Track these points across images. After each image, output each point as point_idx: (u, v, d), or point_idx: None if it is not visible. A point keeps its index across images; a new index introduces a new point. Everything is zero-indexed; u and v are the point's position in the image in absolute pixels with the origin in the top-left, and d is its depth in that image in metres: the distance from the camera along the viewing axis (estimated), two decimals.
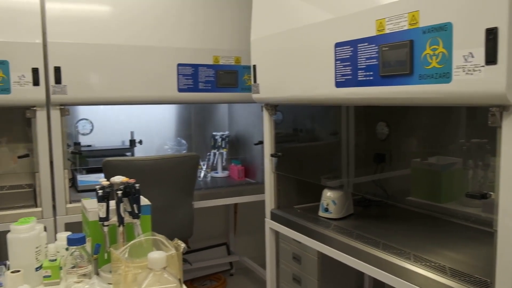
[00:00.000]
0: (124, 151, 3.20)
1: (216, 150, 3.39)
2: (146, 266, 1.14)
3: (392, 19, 1.50)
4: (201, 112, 3.64)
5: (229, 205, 3.73)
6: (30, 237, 1.46)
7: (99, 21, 2.57)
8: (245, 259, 3.70)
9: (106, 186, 1.48)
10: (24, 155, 2.78)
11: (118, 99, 2.65)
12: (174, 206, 2.63)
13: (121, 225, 1.49)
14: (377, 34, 1.56)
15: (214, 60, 2.85)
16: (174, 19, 2.75)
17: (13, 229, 1.45)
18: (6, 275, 1.40)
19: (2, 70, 2.31)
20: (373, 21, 1.56)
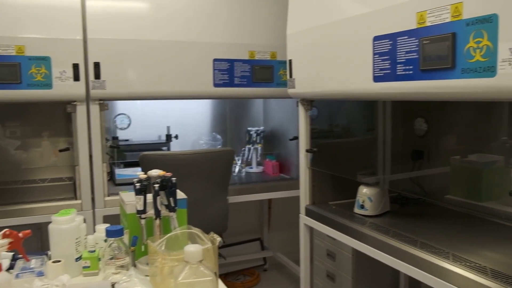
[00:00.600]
0: (160, 146, 3.24)
1: (251, 146, 3.40)
2: (183, 259, 1.15)
3: (434, 11, 1.45)
4: (236, 107, 3.65)
5: (263, 201, 3.73)
6: (70, 229, 1.50)
7: (137, 18, 2.61)
8: (279, 254, 3.69)
9: (144, 180, 1.50)
10: (64, 148, 2.86)
11: (155, 94, 2.69)
12: (209, 200, 2.65)
13: (157, 218, 1.51)
14: (417, 27, 1.52)
15: (250, 55, 2.85)
16: (211, 15, 2.76)
17: (54, 220, 1.49)
18: (48, 264, 1.44)
19: (44, 65, 2.39)
20: (414, 14, 1.52)
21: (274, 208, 3.78)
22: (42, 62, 2.38)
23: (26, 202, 2.59)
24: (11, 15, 2.34)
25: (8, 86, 2.33)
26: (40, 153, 3.09)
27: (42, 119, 3.06)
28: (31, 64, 2.36)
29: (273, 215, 3.81)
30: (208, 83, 2.77)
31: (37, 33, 2.38)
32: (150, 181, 1.51)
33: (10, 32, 2.33)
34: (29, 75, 2.36)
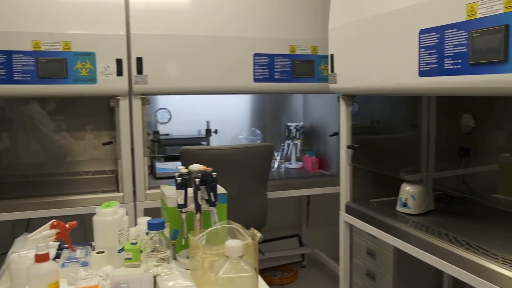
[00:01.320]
0: (200, 140, 3.27)
1: (290, 141, 3.37)
2: (223, 253, 1.15)
3: (485, 2, 1.38)
4: (276, 102, 3.63)
5: (302, 197, 3.71)
6: (113, 220, 1.53)
7: (179, 13, 2.63)
8: (317, 251, 3.66)
9: (185, 174, 1.51)
10: (107, 142, 2.92)
11: (195, 89, 2.71)
12: (248, 195, 2.65)
13: (198, 212, 1.52)
14: (467, 19, 1.45)
15: (291, 49, 2.82)
16: (251, 9, 2.75)
17: (99, 212, 1.53)
18: (92, 255, 1.48)
19: (89, 61, 2.44)
20: (463, 5, 1.46)
21: (313, 204, 3.75)
22: (87, 58, 2.44)
23: (70, 194, 2.67)
24: (59, 12, 2.41)
25: (56, 81, 2.40)
26: (84, 146, 3.18)
27: (86, 113, 3.14)
28: (77, 59, 2.42)
29: (311, 212, 3.78)
30: (248, 78, 2.77)
31: (83, 29, 2.44)
32: (191, 175, 1.52)
33: (58, 28, 2.40)
34: (75, 70, 2.43)
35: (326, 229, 3.60)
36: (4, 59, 2.33)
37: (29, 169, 3.07)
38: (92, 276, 1.35)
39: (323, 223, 3.71)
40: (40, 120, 3.07)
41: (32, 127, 3.06)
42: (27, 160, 3.09)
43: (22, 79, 2.36)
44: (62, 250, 1.59)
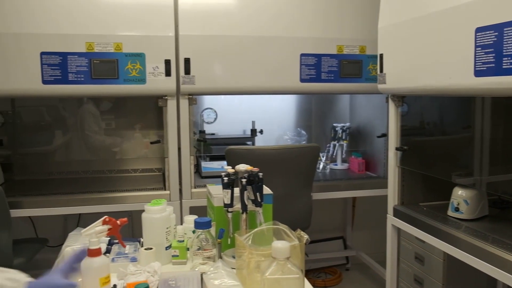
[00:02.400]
0: (245, 140, 3.28)
1: (336, 142, 3.33)
2: (270, 254, 1.15)
3: None
4: (322, 102, 3.59)
5: (347, 198, 3.65)
6: (161, 218, 1.56)
7: (225, 14, 2.65)
8: (362, 254, 3.60)
9: (231, 174, 1.52)
10: (156, 141, 2.99)
11: (241, 89, 2.72)
12: (293, 196, 2.64)
13: (244, 212, 1.52)
14: None
15: (338, 49, 2.78)
16: (297, 9, 2.73)
17: (147, 210, 1.56)
18: (140, 251, 1.51)
19: (139, 62, 2.50)
20: None
21: (358, 206, 3.69)
22: (137, 59, 2.50)
23: (119, 191, 2.75)
24: (111, 14, 2.49)
25: (107, 81, 2.48)
26: (133, 145, 3.26)
27: (134, 112, 3.23)
28: (128, 60, 2.49)
29: (357, 214, 3.71)
30: (295, 78, 2.75)
31: (133, 31, 2.51)
32: (237, 175, 1.53)
33: (110, 30, 2.48)
34: (125, 70, 2.49)
35: (372, 232, 3.53)
36: (60, 60, 2.42)
37: (80, 166, 3.19)
38: (141, 272, 1.38)
39: (369, 226, 3.64)
40: (92, 119, 3.18)
41: (83, 125, 3.18)
42: (79, 157, 3.21)
43: (76, 79, 2.45)
44: (112, 245, 1.64)
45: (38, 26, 2.41)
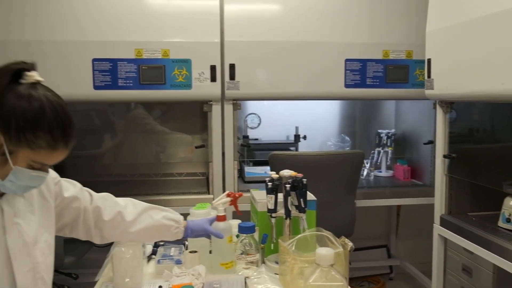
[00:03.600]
0: (288, 146, 3.28)
1: (381, 149, 3.27)
2: (313, 261, 1.14)
3: None
4: (366, 108, 3.54)
5: (391, 206, 3.57)
6: None
7: (270, 20, 2.67)
8: (407, 264, 3.51)
9: (275, 179, 1.52)
10: (200, 145, 3.03)
11: (285, 94, 2.73)
12: (336, 203, 2.61)
13: (288, 218, 1.52)
14: None
15: (384, 54, 2.74)
16: (342, 14, 2.71)
17: (192, 213, 1.59)
18: (185, 254, 1.54)
19: (185, 67, 2.56)
20: None
21: (403, 214, 3.60)
22: (183, 64, 2.56)
23: (164, 194, 2.81)
24: (159, 22, 2.56)
25: (154, 86, 2.56)
26: (177, 149, 3.33)
27: (179, 117, 3.29)
28: (174, 66, 2.55)
29: (401, 222, 3.63)
30: (339, 84, 2.73)
31: (181, 38, 2.57)
32: (281, 181, 1.53)
33: (158, 37, 2.55)
34: (172, 76, 2.55)
35: (417, 241, 3.45)
36: (110, 66, 2.51)
37: (127, 169, 3.28)
38: (186, 274, 1.41)
39: (414, 235, 3.55)
40: (139, 123, 3.27)
41: (131, 129, 3.27)
42: (126, 160, 3.30)
43: (125, 85, 2.54)
44: (157, 248, 1.68)
45: (90, 34, 2.51)
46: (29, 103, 1.05)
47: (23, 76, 1.07)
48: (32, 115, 1.05)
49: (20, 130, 1.04)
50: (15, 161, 1.06)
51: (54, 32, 2.49)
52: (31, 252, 1.20)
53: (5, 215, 1.15)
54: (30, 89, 1.07)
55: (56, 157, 1.11)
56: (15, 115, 1.04)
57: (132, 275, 1.40)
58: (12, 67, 1.07)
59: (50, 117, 1.06)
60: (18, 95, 1.05)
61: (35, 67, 1.11)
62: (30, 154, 1.07)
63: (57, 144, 1.08)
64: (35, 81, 1.08)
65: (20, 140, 1.05)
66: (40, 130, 1.05)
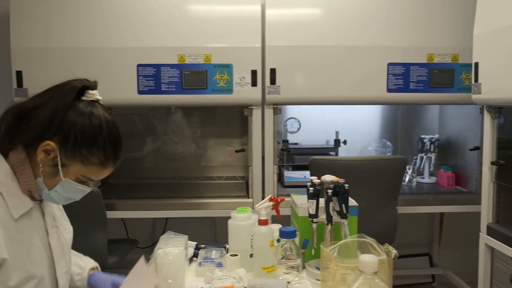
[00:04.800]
0: (328, 150, 3.25)
1: (424, 154, 3.19)
2: (356, 267, 1.13)
3: None
4: (409, 113, 3.46)
5: (434, 214, 3.48)
6: (247, 225, 1.59)
7: (312, 24, 2.66)
8: (450, 273, 3.41)
9: (317, 184, 1.51)
10: (240, 149, 3.05)
11: (326, 99, 2.71)
12: (378, 209, 2.57)
13: (329, 223, 1.51)
14: None
15: (428, 58, 2.67)
16: (385, 18, 2.67)
17: (234, 217, 1.60)
18: (226, 257, 1.55)
19: (227, 72, 2.59)
20: None
21: (446, 222, 3.50)
22: (225, 69, 2.59)
23: (203, 197, 2.84)
24: (201, 27, 2.60)
25: (196, 91, 2.60)
26: (217, 153, 3.36)
27: (219, 121, 3.33)
28: (216, 71, 2.59)
29: (445, 230, 3.53)
30: (382, 88, 2.68)
31: (222, 43, 2.60)
32: (323, 186, 1.52)
33: (200, 42, 2.59)
34: (213, 81, 2.59)
35: (461, 250, 3.35)
36: (154, 72, 2.58)
37: (168, 172, 3.34)
38: (227, 277, 1.42)
39: (458, 243, 3.45)
40: (179, 127, 3.32)
41: (172, 133, 3.33)
42: (167, 163, 3.36)
43: (168, 90, 2.59)
44: (199, 250, 1.70)
45: (135, 40, 2.58)
46: (89, 120, 1.10)
47: (85, 94, 1.13)
48: (91, 132, 1.10)
49: (77, 145, 1.09)
50: (65, 174, 1.12)
51: (100, 39, 2.58)
52: (66, 254, 1.27)
53: (46, 219, 1.21)
54: (91, 107, 1.12)
55: (103, 174, 1.16)
56: (75, 131, 1.09)
57: (175, 277, 1.42)
58: (77, 85, 1.12)
59: (105, 136, 1.11)
60: (79, 112, 1.10)
61: (97, 86, 1.15)
62: (81, 169, 1.12)
63: (107, 162, 1.14)
64: (95, 100, 1.13)
65: (75, 154, 1.10)
66: (95, 147, 1.11)
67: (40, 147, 1.09)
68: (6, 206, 1.09)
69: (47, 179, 1.12)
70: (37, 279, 1.13)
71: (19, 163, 1.11)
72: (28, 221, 1.15)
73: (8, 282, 1.07)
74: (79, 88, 1.12)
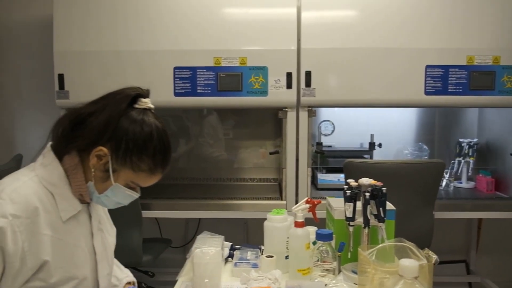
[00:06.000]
0: (362, 153, 3.21)
1: (462, 158, 3.11)
2: (395, 272, 1.11)
3: None
4: (446, 115, 3.38)
5: (472, 220, 3.39)
6: (283, 227, 1.59)
7: (347, 26, 2.64)
8: (488, 281, 3.31)
9: (354, 187, 1.50)
10: (275, 151, 3.06)
11: (362, 102, 2.68)
12: (414, 213, 2.52)
13: (366, 226, 1.49)
14: None
15: (468, 60, 2.61)
16: (422, 19, 2.61)
17: (270, 218, 1.60)
18: (262, 258, 1.56)
19: (262, 75, 2.60)
20: None
21: (485, 228, 3.40)
22: (260, 72, 2.60)
23: (236, 198, 2.86)
24: (237, 31, 2.62)
25: (231, 93, 2.63)
26: (250, 154, 3.38)
27: (252, 123, 3.34)
28: (251, 73, 2.60)
29: (483, 237, 3.43)
30: (419, 91, 2.63)
31: (258, 45, 2.62)
32: (360, 189, 1.51)
33: (236, 45, 2.62)
34: (249, 83, 2.61)
35: (500, 258, 3.26)
36: (190, 74, 2.62)
37: (201, 173, 3.38)
38: (263, 278, 1.42)
39: (497, 251, 3.35)
40: (214, 129, 3.36)
41: (207, 135, 3.36)
42: (200, 165, 3.40)
43: (204, 92, 2.63)
44: (234, 251, 1.71)
45: (172, 43, 2.62)
46: (141, 128, 1.13)
47: (137, 102, 1.16)
48: (142, 140, 1.13)
49: (128, 152, 1.13)
50: (116, 179, 1.15)
51: (137, 42, 2.63)
52: (109, 257, 1.31)
53: (93, 222, 1.25)
54: (143, 115, 1.15)
55: (152, 181, 1.20)
56: (127, 138, 1.12)
57: (211, 276, 1.43)
58: (130, 93, 1.16)
59: (156, 143, 1.14)
60: (132, 119, 1.14)
61: (149, 94, 1.19)
62: (131, 175, 1.15)
63: (156, 169, 1.17)
64: (147, 108, 1.16)
65: (126, 161, 1.14)
66: (145, 154, 1.14)
67: (93, 152, 1.13)
68: (56, 208, 1.13)
69: (98, 183, 1.16)
70: (77, 280, 1.17)
71: (73, 167, 1.16)
72: (76, 223, 1.19)
73: (50, 280, 1.11)
74: (132, 96, 1.15)
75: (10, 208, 1.04)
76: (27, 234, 1.06)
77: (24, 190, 1.09)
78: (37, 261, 1.08)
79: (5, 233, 1.02)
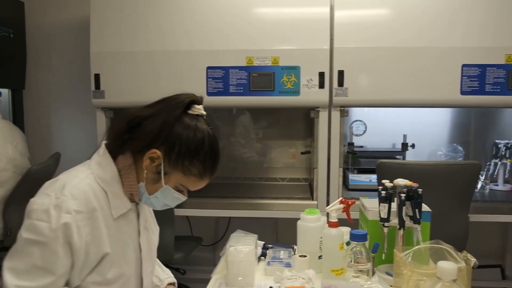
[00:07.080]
0: (395, 154, 3.17)
1: (498, 160, 3.03)
2: (432, 274, 1.10)
3: None
4: (482, 116, 3.29)
5: (508, 223, 3.30)
6: (316, 227, 1.59)
7: (381, 25, 2.61)
8: None
9: (389, 188, 1.49)
10: (306, 151, 3.05)
11: (395, 101, 2.64)
12: (448, 215, 2.47)
13: (401, 228, 1.48)
14: None
15: (507, 59, 2.53)
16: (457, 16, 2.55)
17: (303, 218, 1.61)
18: (295, 258, 1.56)
19: (294, 74, 2.60)
20: None
21: None
22: (292, 71, 2.60)
23: (267, 198, 2.87)
24: (270, 30, 2.63)
25: (264, 93, 2.63)
26: (281, 154, 3.38)
27: (283, 122, 3.34)
28: (283, 73, 2.60)
29: None
30: (455, 90, 2.57)
31: (290, 45, 2.61)
32: (395, 190, 1.50)
33: (268, 45, 2.62)
34: (281, 83, 2.61)
35: None
36: (223, 74, 2.64)
37: (231, 172, 3.39)
38: (296, 278, 1.43)
39: None
40: (246, 128, 3.37)
41: (239, 135, 3.38)
42: (231, 164, 3.41)
43: (236, 91, 2.64)
44: (267, 250, 1.72)
45: (205, 43, 2.65)
46: (194, 133, 1.17)
47: (191, 108, 1.19)
48: (195, 145, 1.17)
49: (180, 156, 1.16)
50: (166, 181, 1.19)
51: (170, 42, 2.66)
52: (153, 255, 1.35)
53: (140, 220, 1.29)
54: (196, 121, 1.19)
55: (200, 185, 1.23)
56: (180, 142, 1.16)
57: (245, 274, 1.45)
58: (185, 100, 1.19)
59: (207, 149, 1.18)
60: (185, 125, 1.17)
61: (203, 101, 1.23)
62: (181, 178, 1.19)
63: (205, 174, 1.20)
64: (200, 114, 1.19)
65: (178, 164, 1.17)
66: (196, 159, 1.17)
67: (147, 154, 1.17)
68: (108, 206, 1.18)
69: (149, 185, 1.20)
70: (125, 277, 1.21)
71: (126, 167, 1.20)
72: (125, 221, 1.23)
73: (106, 275, 1.16)
74: (187, 103, 1.18)
75: (73, 204, 1.09)
76: (89, 228, 1.11)
77: (83, 186, 1.14)
78: (99, 254, 1.14)
79: (71, 228, 1.07)
